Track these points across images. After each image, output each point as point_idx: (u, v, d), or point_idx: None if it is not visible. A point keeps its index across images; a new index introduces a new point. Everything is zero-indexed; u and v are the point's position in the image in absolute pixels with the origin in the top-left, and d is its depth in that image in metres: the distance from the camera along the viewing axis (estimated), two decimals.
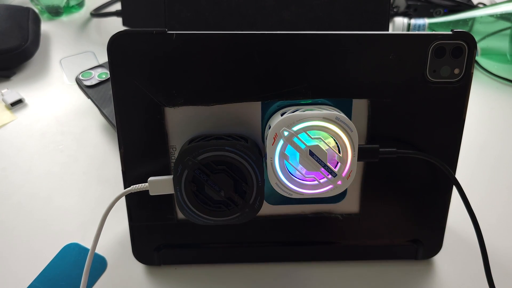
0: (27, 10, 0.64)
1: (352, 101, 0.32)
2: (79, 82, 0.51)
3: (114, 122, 0.37)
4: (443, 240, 0.36)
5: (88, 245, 0.39)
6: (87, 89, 0.50)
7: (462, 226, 0.39)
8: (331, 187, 0.29)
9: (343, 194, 0.35)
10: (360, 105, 0.32)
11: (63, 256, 0.38)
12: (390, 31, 0.30)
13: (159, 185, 0.31)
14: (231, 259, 0.37)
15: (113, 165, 0.46)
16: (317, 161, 0.28)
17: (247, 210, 0.30)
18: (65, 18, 0.72)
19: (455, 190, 0.33)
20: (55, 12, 0.71)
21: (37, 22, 0.64)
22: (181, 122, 0.32)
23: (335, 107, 0.32)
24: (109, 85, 0.49)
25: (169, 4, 0.42)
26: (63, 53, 0.63)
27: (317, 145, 0.28)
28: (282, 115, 0.29)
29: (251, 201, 0.30)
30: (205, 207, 0.30)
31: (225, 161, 0.29)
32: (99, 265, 0.37)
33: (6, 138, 0.50)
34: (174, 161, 0.33)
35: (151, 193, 0.31)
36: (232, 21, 0.42)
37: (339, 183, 0.29)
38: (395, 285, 0.36)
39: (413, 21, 0.60)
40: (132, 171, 0.33)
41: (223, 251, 0.37)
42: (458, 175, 0.44)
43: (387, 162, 0.33)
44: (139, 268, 0.37)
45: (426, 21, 0.60)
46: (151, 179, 0.31)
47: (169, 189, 0.31)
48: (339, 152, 0.29)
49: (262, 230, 0.36)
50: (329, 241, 0.36)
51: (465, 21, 0.59)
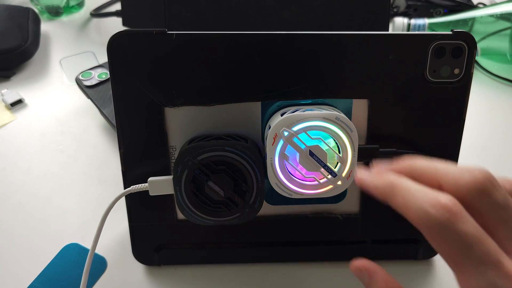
0: (27, 10, 0.64)
1: (352, 101, 0.32)
2: (79, 82, 0.51)
3: (114, 122, 0.37)
4: None
5: (88, 245, 0.39)
6: (87, 89, 0.50)
7: None
8: (331, 187, 0.29)
9: (343, 194, 0.35)
10: (360, 105, 0.32)
11: (63, 256, 0.38)
12: (390, 31, 0.30)
13: (159, 185, 0.31)
14: (231, 259, 0.37)
15: (113, 165, 0.46)
16: (317, 161, 0.28)
17: (247, 210, 0.30)
18: (65, 18, 0.72)
19: None
20: (55, 12, 0.71)
21: (37, 22, 0.64)
22: (181, 122, 0.32)
23: (335, 107, 0.32)
24: (109, 85, 0.49)
25: (169, 4, 0.42)
26: (63, 53, 0.63)
27: (317, 145, 0.28)
28: (282, 115, 0.29)
29: (251, 201, 0.30)
30: (205, 207, 0.30)
31: (225, 161, 0.29)
32: (99, 265, 0.37)
33: (6, 138, 0.50)
34: (174, 161, 0.33)
35: (151, 193, 0.31)
36: (232, 21, 0.42)
37: (339, 183, 0.29)
38: None
39: (413, 21, 0.60)
40: (132, 171, 0.33)
41: (223, 251, 0.37)
42: None
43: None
44: (139, 268, 0.37)
45: (426, 21, 0.60)
46: (151, 179, 0.31)
47: (169, 189, 0.31)
48: (339, 152, 0.29)
49: (262, 230, 0.36)
50: (329, 241, 0.36)
51: (465, 21, 0.59)
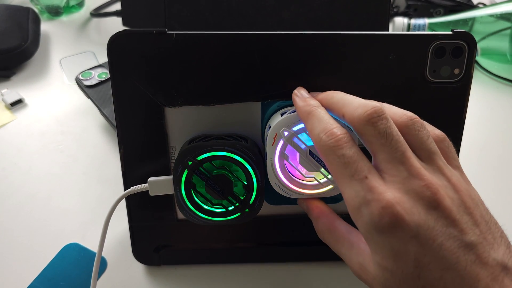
0: (27, 10, 0.64)
1: None
2: (79, 82, 0.51)
3: (114, 122, 0.37)
4: None
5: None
6: (87, 89, 0.50)
7: None
8: (331, 187, 0.29)
9: None
10: None
11: (63, 256, 0.38)
12: (390, 31, 0.30)
13: (159, 185, 0.31)
14: (231, 259, 0.37)
15: (113, 165, 0.46)
16: (317, 161, 0.28)
17: (247, 210, 0.30)
18: (65, 18, 0.72)
19: None
20: (55, 12, 0.71)
21: (37, 22, 0.64)
22: (181, 122, 0.32)
23: None
24: (109, 85, 0.49)
25: (169, 4, 0.42)
26: (63, 53, 0.63)
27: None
28: (282, 115, 0.29)
29: (251, 201, 0.30)
30: (205, 207, 0.30)
31: (225, 161, 0.29)
32: (99, 265, 0.37)
33: (6, 138, 0.50)
34: (174, 161, 0.33)
35: (151, 194, 0.31)
36: (232, 21, 0.42)
37: None
38: None
39: (413, 21, 0.60)
40: (132, 171, 0.33)
41: (223, 251, 0.37)
42: None
43: None
44: (139, 268, 0.37)
45: (426, 21, 0.60)
46: (151, 179, 0.31)
47: (169, 190, 0.31)
48: None
49: (262, 230, 0.36)
50: None
51: (465, 21, 0.59)
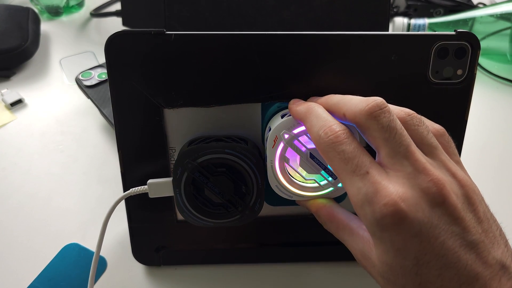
0: (27, 10, 0.64)
1: None
2: (79, 82, 0.51)
3: (113, 122, 0.37)
4: None
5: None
6: (87, 89, 0.50)
7: None
8: (331, 189, 0.29)
9: (343, 195, 0.34)
10: None
11: (63, 256, 0.38)
12: (392, 32, 0.29)
13: (158, 187, 0.31)
14: (231, 260, 0.37)
15: (113, 165, 0.46)
16: (317, 163, 0.28)
17: (247, 212, 0.30)
18: (65, 18, 0.72)
19: None
20: (55, 12, 0.71)
21: (37, 22, 0.64)
22: (180, 123, 0.32)
23: None
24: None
25: (168, 4, 0.42)
26: (63, 53, 0.63)
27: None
28: (282, 117, 0.29)
29: (251, 203, 0.30)
30: (205, 209, 0.30)
31: (225, 163, 0.29)
32: (99, 265, 0.37)
33: (6, 138, 0.50)
34: (173, 162, 0.33)
35: (151, 196, 0.31)
36: (232, 21, 0.42)
37: (340, 185, 0.29)
38: None
39: (413, 21, 0.60)
40: (131, 173, 0.33)
41: (223, 251, 0.37)
42: None
43: None
44: (139, 268, 0.37)
45: (426, 21, 0.60)
46: (150, 181, 0.31)
47: (168, 192, 0.31)
48: None
49: (262, 231, 0.36)
50: (329, 242, 0.36)
51: (465, 21, 0.59)
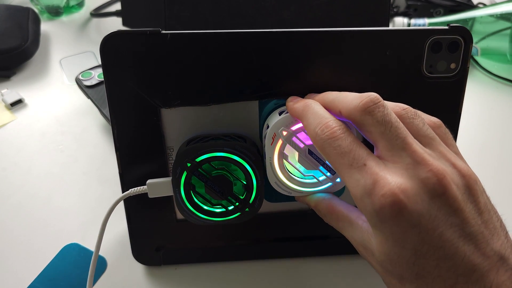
0: (27, 10, 0.64)
1: None
2: (79, 82, 0.51)
3: None
4: None
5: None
6: (87, 89, 0.50)
7: None
8: (330, 184, 0.29)
9: (341, 190, 0.35)
10: None
11: (63, 256, 0.38)
12: (386, 27, 0.30)
13: (158, 187, 0.31)
14: (231, 257, 0.37)
15: (113, 165, 0.46)
16: (315, 159, 0.28)
17: (247, 209, 0.30)
18: (65, 18, 0.72)
19: None
20: (55, 12, 0.71)
21: (37, 22, 0.64)
22: (178, 123, 0.32)
23: None
24: None
25: (168, 4, 0.42)
26: (63, 53, 0.63)
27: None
28: (280, 114, 0.29)
29: (251, 201, 0.30)
30: (205, 208, 0.30)
31: (224, 161, 0.29)
32: (99, 265, 0.37)
33: (6, 138, 0.50)
34: (171, 162, 0.33)
35: (150, 196, 0.31)
36: (232, 21, 0.42)
37: (338, 180, 0.29)
38: None
39: (413, 21, 0.60)
40: (129, 173, 0.33)
41: (223, 249, 0.37)
42: None
43: None
44: (139, 268, 0.37)
45: (426, 21, 0.60)
46: (149, 181, 0.31)
47: (168, 191, 0.31)
48: None
49: (261, 227, 0.36)
50: (329, 236, 0.37)
51: (465, 21, 0.59)
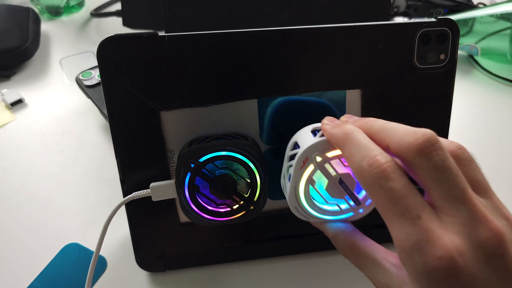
0: (27, 10, 0.64)
1: (345, 92, 0.32)
2: (79, 82, 0.51)
3: None
4: None
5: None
6: (87, 89, 0.50)
7: None
8: (351, 214, 0.27)
9: None
10: (353, 96, 0.32)
11: (63, 256, 0.38)
12: (378, 22, 0.31)
13: (161, 190, 0.31)
14: (236, 257, 0.37)
15: (113, 165, 0.46)
16: (344, 189, 0.26)
17: (252, 207, 0.30)
18: (65, 18, 0.72)
19: None
20: (55, 12, 0.71)
21: (37, 22, 0.64)
22: (178, 125, 0.32)
23: (330, 99, 0.32)
24: None
25: (169, 4, 0.42)
26: (63, 53, 0.63)
27: (348, 173, 0.25)
28: (313, 132, 0.27)
29: (256, 199, 0.30)
30: (210, 208, 0.30)
31: (228, 161, 0.29)
32: (99, 265, 0.37)
33: (6, 138, 0.50)
34: (173, 165, 0.33)
35: (154, 199, 0.31)
36: (232, 21, 0.42)
37: (361, 211, 0.27)
38: None
39: None
40: (130, 178, 0.32)
41: (228, 250, 0.37)
42: None
43: None
44: (139, 268, 0.37)
45: None
46: (153, 184, 0.31)
47: (171, 194, 0.31)
48: None
49: (265, 226, 0.36)
50: None
51: (465, 21, 0.59)
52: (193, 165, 0.29)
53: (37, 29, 0.63)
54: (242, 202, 0.30)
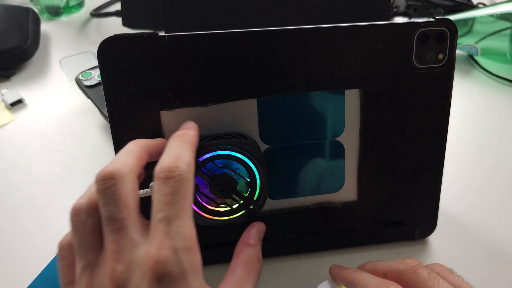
0: (27, 10, 0.64)
1: (344, 92, 0.32)
2: (79, 82, 0.51)
3: None
4: (437, 219, 0.37)
5: None
6: (87, 89, 0.50)
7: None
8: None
9: (341, 183, 0.35)
10: (352, 95, 0.32)
11: None
12: (376, 22, 0.31)
13: None
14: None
15: None
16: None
17: (252, 207, 0.30)
18: (65, 18, 0.72)
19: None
20: (55, 12, 0.71)
21: (37, 22, 0.64)
22: (178, 124, 0.31)
23: (329, 98, 0.32)
24: None
25: (169, 4, 0.42)
26: (63, 53, 0.63)
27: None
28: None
29: (255, 198, 0.30)
30: (210, 208, 0.30)
31: (227, 160, 0.29)
32: None
33: (6, 138, 0.50)
34: None
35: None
36: (232, 21, 0.42)
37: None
38: None
39: None
40: None
41: (227, 249, 0.36)
42: (457, 175, 0.44)
43: (381, 148, 0.34)
44: None
45: None
46: (153, 184, 0.31)
47: None
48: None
49: (265, 225, 0.36)
50: (331, 230, 0.37)
51: (465, 21, 0.59)
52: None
53: (37, 29, 0.63)
54: (241, 201, 0.30)
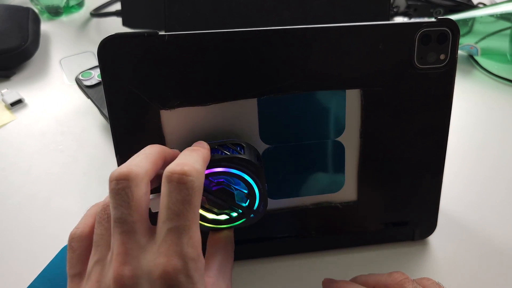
0: (27, 10, 0.64)
1: (345, 92, 0.32)
2: (79, 82, 0.51)
3: None
4: (437, 219, 0.37)
5: None
6: (87, 89, 0.50)
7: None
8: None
9: (341, 183, 0.35)
10: (353, 96, 0.32)
11: (63, 256, 0.38)
12: (377, 22, 0.31)
13: (158, 203, 0.30)
14: (237, 257, 0.37)
15: (113, 165, 0.46)
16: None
17: (252, 215, 0.30)
18: (65, 18, 0.72)
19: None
20: (55, 12, 0.71)
21: (37, 22, 0.64)
22: (178, 124, 0.32)
23: (329, 98, 0.32)
24: None
25: (169, 4, 0.42)
26: (63, 53, 0.63)
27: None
28: None
29: (255, 207, 0.30)
30: (210, 217, 0.30)
31: (224, 176, 0.29)
32: None
33: (6, 138, 0.50)
34: None
35: (153, 210, 0.30)
36: (232, 21, 0.42)
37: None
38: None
39: None
40: None
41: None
42: (457, 175, 0.44)
43: (381, 149, 0.34)
44: None
45: None
46: (152, 195, 0.30)
47: None
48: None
49: (264, 225, 0.36)
50: (331, 230, 0.37)
51: (465, 21, 0.59)
52: None
53: (37, 29, 0.63)
54: (241, 211, 0.30)
